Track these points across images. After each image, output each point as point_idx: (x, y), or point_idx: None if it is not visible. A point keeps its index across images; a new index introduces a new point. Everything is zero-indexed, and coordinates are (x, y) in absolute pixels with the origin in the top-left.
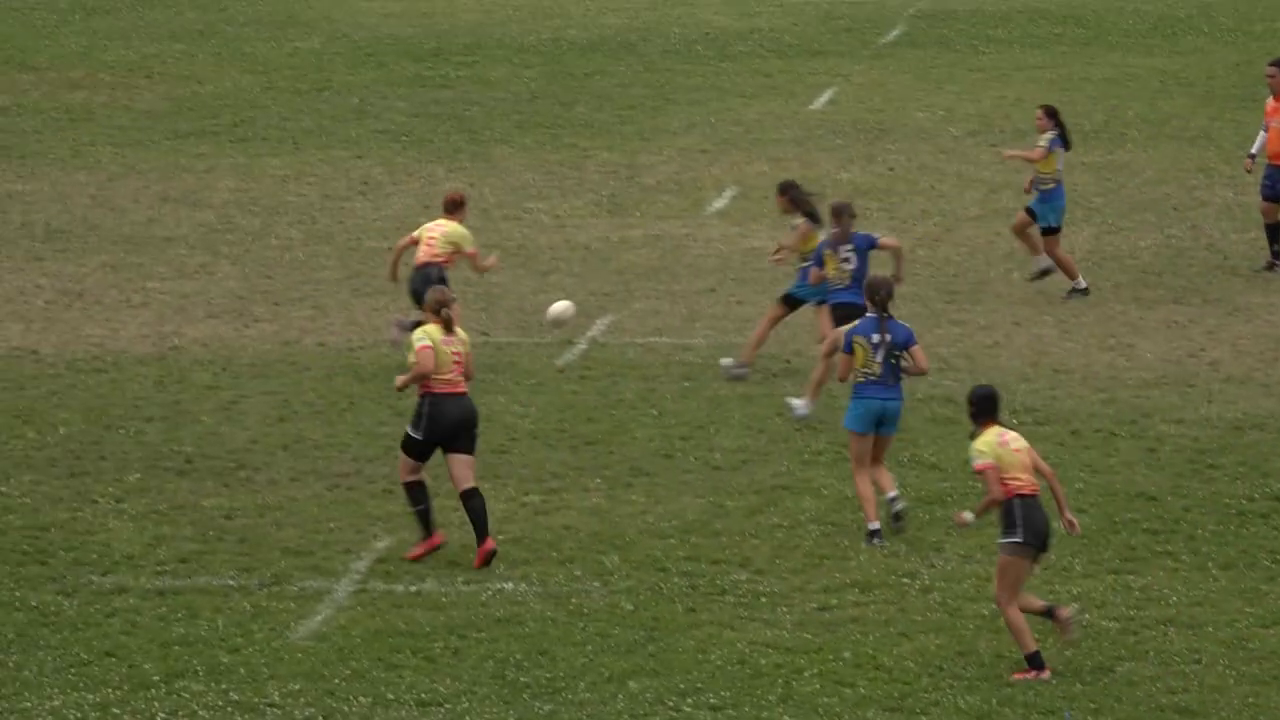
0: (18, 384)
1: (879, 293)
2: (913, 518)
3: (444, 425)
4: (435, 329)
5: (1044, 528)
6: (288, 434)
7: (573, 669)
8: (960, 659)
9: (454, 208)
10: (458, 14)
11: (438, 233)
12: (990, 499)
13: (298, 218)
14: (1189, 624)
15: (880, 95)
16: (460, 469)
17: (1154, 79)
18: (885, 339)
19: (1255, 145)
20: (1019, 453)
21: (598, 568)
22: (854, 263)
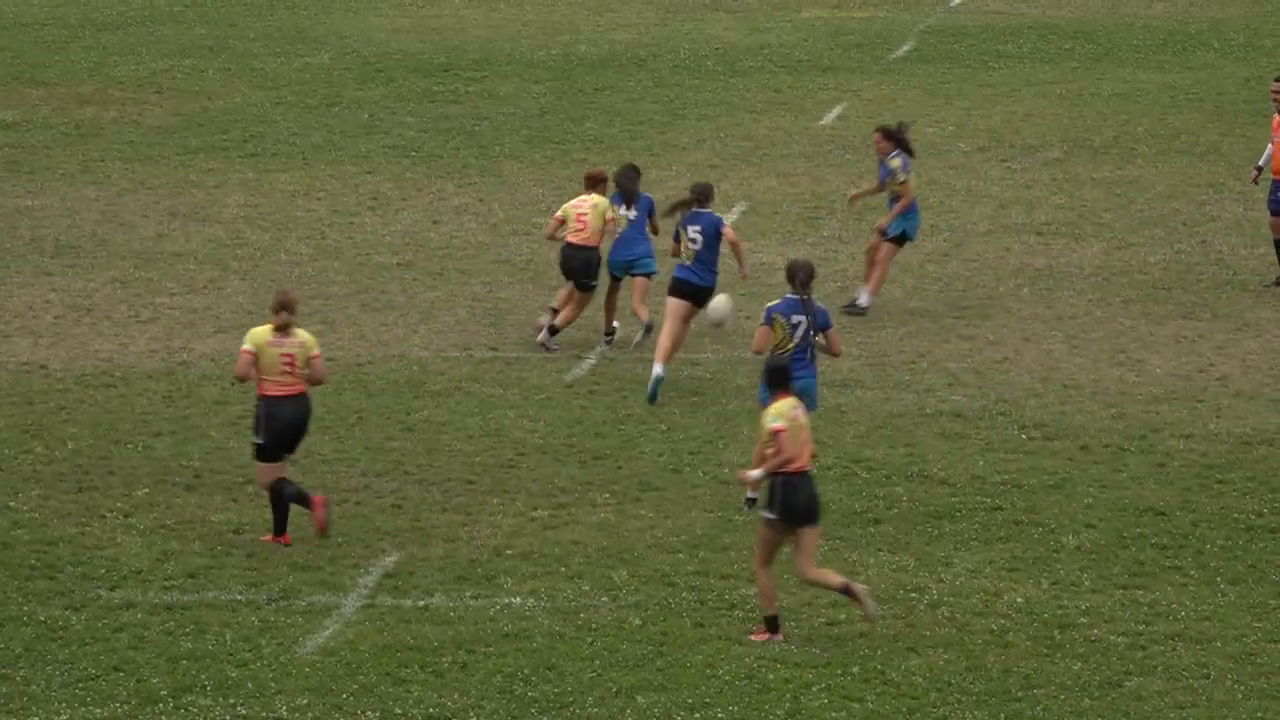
0: (26, 399)
1: (799, 274)
2: (920, 532)
3: (279, 425)
4: (263, 331)
5: (802, 504)
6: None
7: (581, 684)
8: (968, 674)
9: (595, 183)
10: (467, 30)
11: (587, 207)
12: (783, 457)
13: (307, 233)
14: (1197, 639)
15: (890, 111)
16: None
17: (1164, 94)
18: (806, 320)
19: (1262, 159)
20: (802, 430)
21: (606, 582)
22: (699, 243)
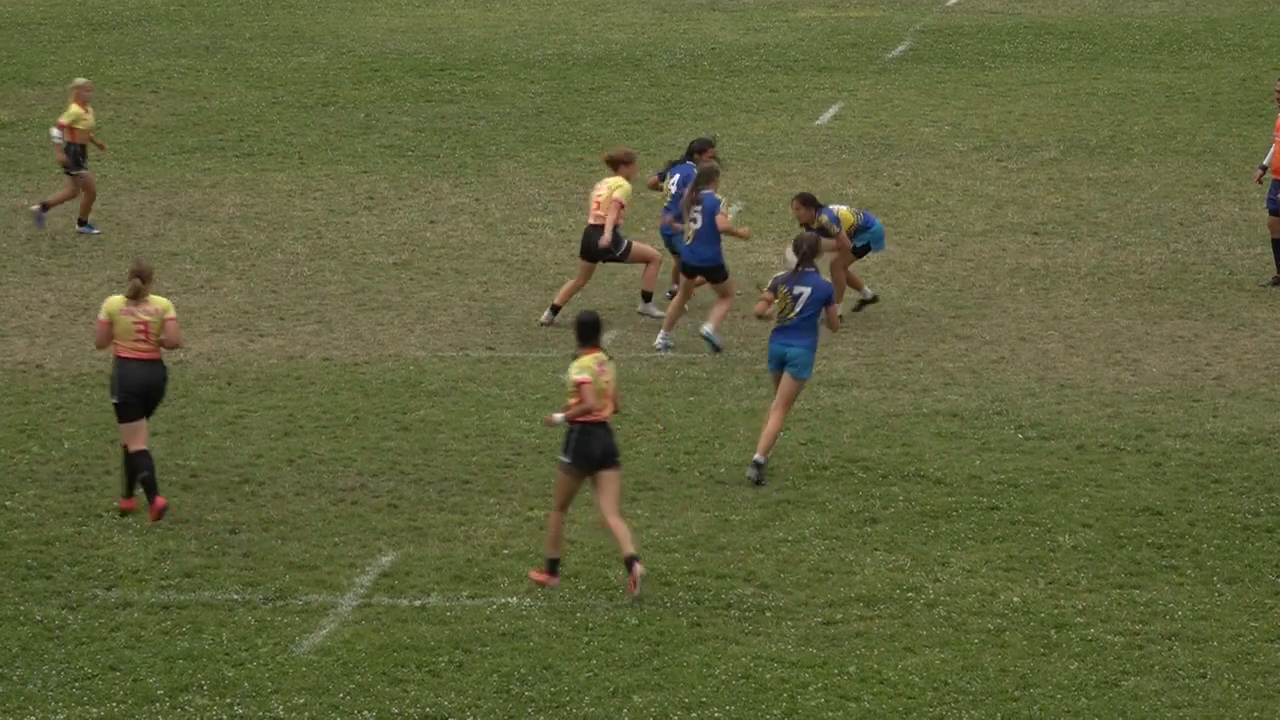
0: (23, 398)
1: (803, 247)
2: (916, 532)
3: (129, 386)
4: (118, 300)
5: (597, 451)
6: (292, 448)
7: (577, 683)
8: (965, 673)
9: (614, 164)
10: (463, 29)
11: (604, 188)
12: (583, 407)
13: (303, 232)
14: (1194, 638)
15: (886, 110)
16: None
17: (1160, 94)
18: (806, 292)
19: (1267, 158)
20: (608, 384)
21: (602, 582)
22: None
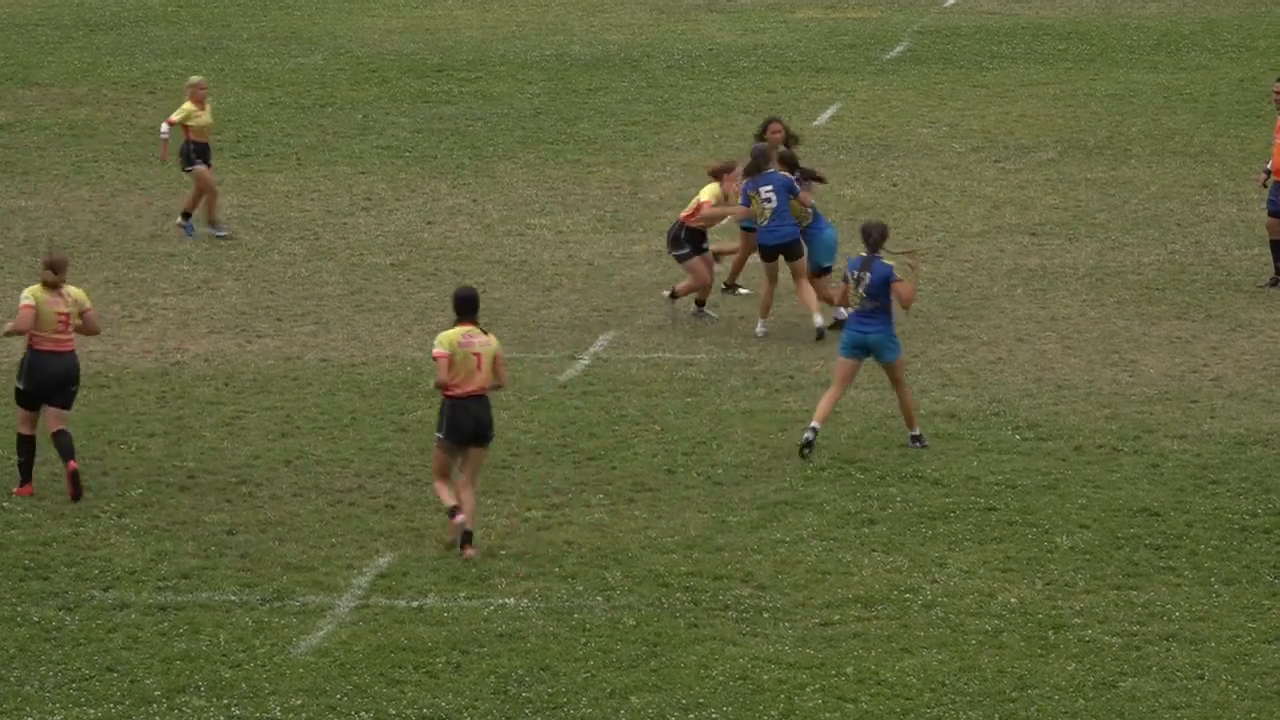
0: None
1: (871, 235)
2: (914, 533)
3: (41, 378)
4: (39, 289)
5: (469, 426)
6: (290, 449)
7: (574, 684)
8: (963, 675)
9: (720, 174)
10: (461, 30)
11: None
12: (438, 380)
13: (300, 233)
14: (1191, 639)
15: (884, 111)
16: (51, 418)
17: (1158, 95)
18: (866, 276)
19: (1269, 161)
20: (476, 357)
21: (600, 583)
22: (775, 201)
